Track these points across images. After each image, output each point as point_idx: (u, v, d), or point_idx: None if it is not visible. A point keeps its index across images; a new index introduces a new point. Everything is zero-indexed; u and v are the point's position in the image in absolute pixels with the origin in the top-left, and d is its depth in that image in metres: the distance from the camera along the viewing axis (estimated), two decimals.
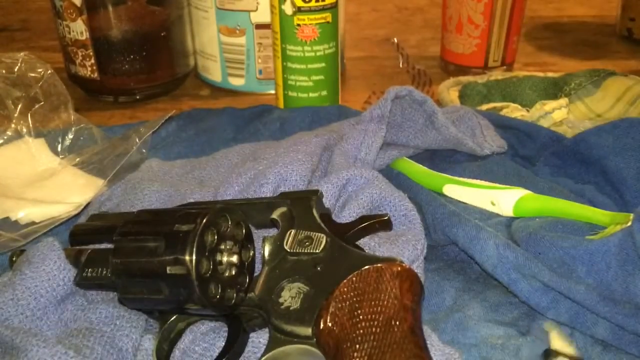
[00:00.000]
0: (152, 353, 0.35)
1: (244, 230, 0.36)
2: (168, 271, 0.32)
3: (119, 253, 0.35)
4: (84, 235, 0.41)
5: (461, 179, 0.48)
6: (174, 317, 0.36)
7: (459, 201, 0.48)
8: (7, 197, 0.50)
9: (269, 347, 0.32)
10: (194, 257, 0.32)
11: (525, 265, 0.38)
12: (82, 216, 0.47)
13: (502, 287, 0.40)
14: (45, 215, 0.49)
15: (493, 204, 0.46)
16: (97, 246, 0.40)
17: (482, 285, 0.42)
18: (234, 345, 0.34)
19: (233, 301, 0.34)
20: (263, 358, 0.32)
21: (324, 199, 0.40)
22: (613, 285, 0.37)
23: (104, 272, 0.37)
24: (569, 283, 0.37)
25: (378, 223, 0.38)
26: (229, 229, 0.35)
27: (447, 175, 0.49)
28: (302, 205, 0.37)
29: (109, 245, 0.37)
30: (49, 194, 0.52)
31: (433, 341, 0.34)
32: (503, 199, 0.45)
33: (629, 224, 0.38)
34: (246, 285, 0.35)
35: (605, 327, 0.36)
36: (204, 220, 0.33)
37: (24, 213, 0.49)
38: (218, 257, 0.34)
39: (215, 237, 0.34)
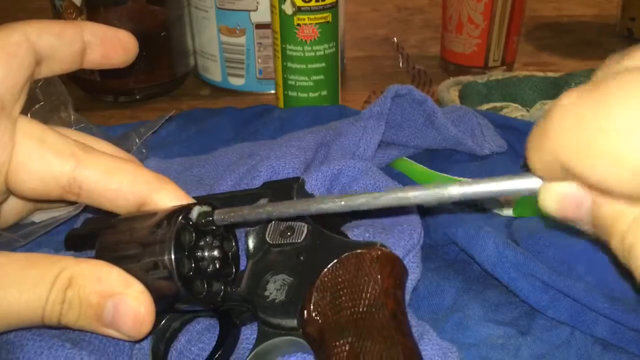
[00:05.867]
0: (148, 354, 0.35)
1: None
2: (150, 276, 0.32)
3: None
4: (78, 239, 0.42)
5: (461, 179, 0.48)
6: (167, 316, 0.36)
7: None
8: None
9: (258, 341, 0.32)
10: (172, 258, 0.32)
11: (524, 264, 0.38)
12: (82, 217, 0.47)
13: (502, 287, 0.40)
14: (45, 215, 0.49)
15: None
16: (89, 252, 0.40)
17: (482, 285, 0.42)
18: (226, 340, 0.34)
19: (222, 293, 0.34)
20: (253, 352, 0.32)
21: (315, 190, 0.40)
22: (612, 283, 0.37)
23: None
24: (569, 281, 0.37)
25: None
26: None
27: (447, 175, 0.49)
28: (283, 195, 0.37)
29: None
30: None
31: (431, 336, 0.34)
32: None
33: None
34: (233, 276, 0.35)
35: (605, 325, 0.36)
36: (178, 221, 0.33)
37: None
38: (199, 254, 0.34)
39: (193, 234, 0.34)
